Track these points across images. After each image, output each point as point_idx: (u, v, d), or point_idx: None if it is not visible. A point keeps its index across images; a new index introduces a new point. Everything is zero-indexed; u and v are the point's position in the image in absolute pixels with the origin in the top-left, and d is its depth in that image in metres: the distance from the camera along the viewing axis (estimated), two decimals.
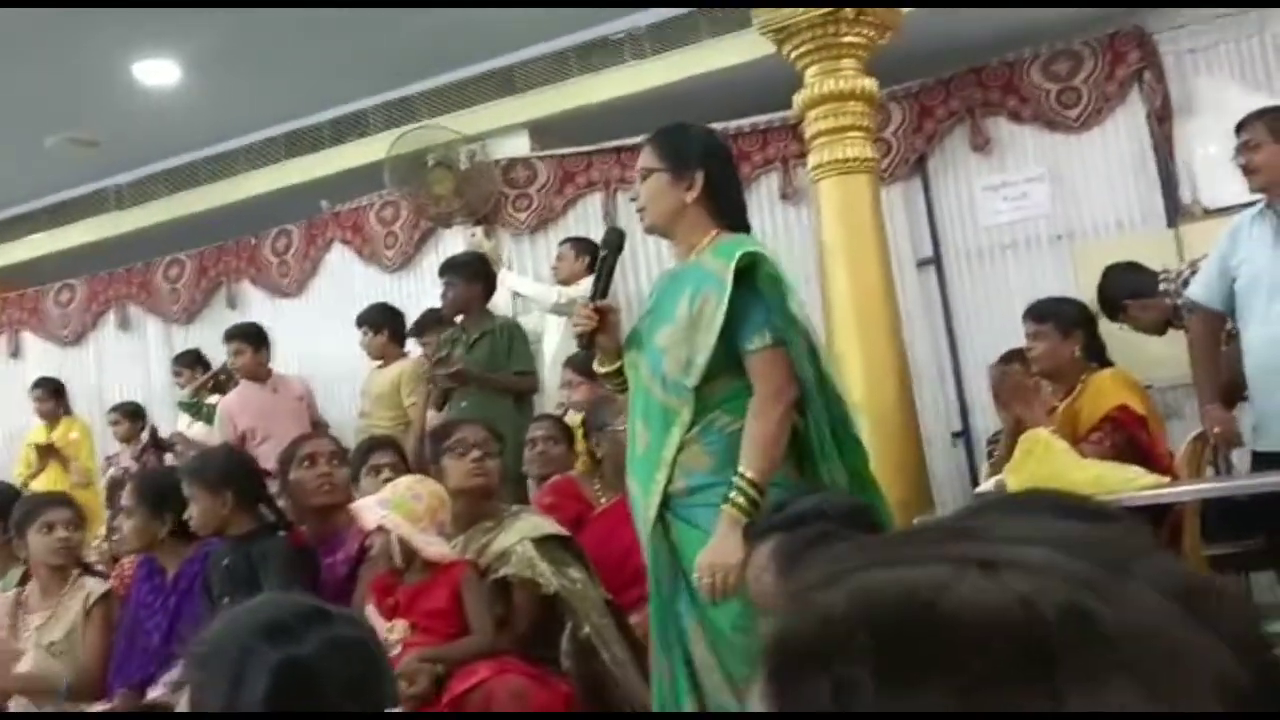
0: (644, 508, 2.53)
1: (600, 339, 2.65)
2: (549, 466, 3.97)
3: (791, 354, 2.43)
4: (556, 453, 4.00)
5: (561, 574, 3.00)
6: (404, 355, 5.88)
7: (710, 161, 2.58)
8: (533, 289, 5.74)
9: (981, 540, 0.50)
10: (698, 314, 2.46)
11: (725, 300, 2.42)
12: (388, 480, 3.51)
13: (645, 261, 5.85)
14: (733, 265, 2.43)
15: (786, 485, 2.42)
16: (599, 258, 2.73)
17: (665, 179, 2.58)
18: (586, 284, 3.27)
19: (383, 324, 5.87)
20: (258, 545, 3.13)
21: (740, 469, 2.36)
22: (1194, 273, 3.84)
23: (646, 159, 2.62)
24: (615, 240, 2.71)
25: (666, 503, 2.49)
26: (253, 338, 5.79)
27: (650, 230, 2.69)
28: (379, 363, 5.86)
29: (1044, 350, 3.84)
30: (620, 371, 2.66)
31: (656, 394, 2.53)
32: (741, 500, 2.34)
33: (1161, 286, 4.11)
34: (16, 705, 3.48)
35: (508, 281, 5.69)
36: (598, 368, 2.73)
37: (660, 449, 2.49)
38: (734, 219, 2.62)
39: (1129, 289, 4.20)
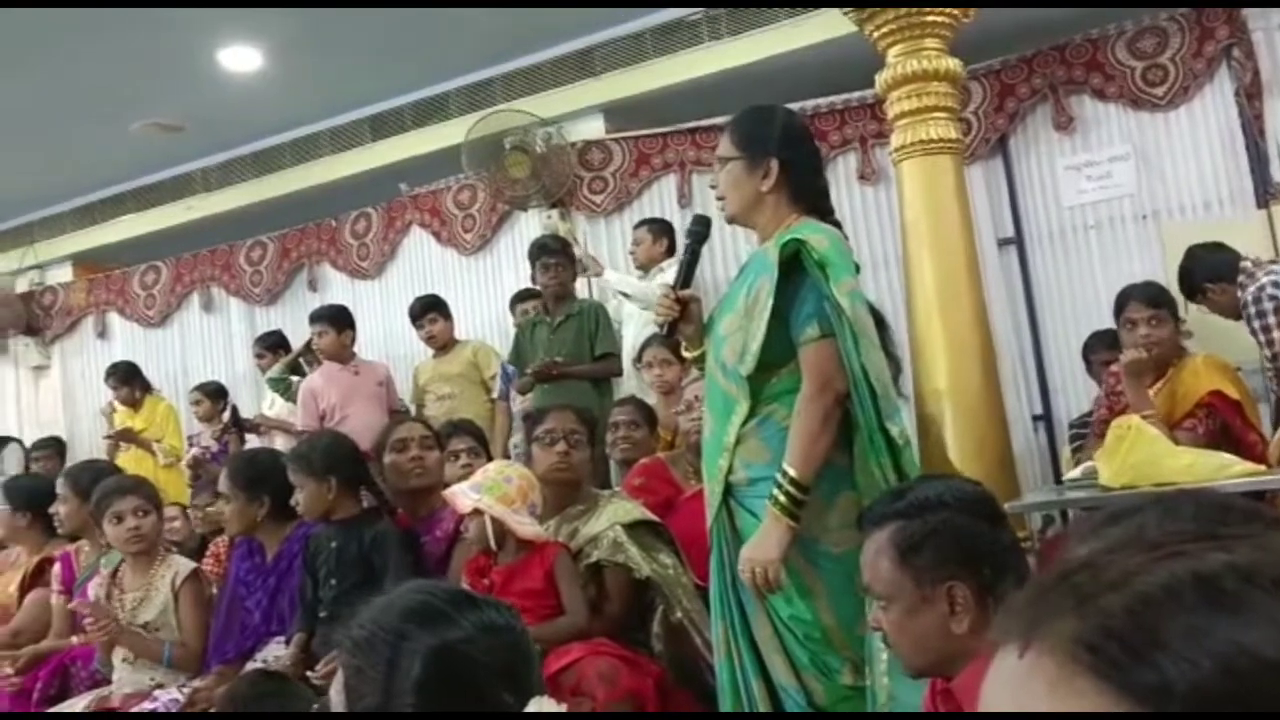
0: (710, 492, 2.56)
1: (682, 327, 2.66)
2: (632, 451, 4.00)
3: (841, 346, 2.40)
4: (639, 436, 4.02)
5: (652, 559, 3.03)
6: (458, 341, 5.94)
7: (787, 147, 2.56)
8: (635, 287, 5.58)
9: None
10: (753, 302, 2.46)
11: (773, 288, 2.41)
12: (465, 466, 3.59)
13: (723, 249, 5.84)
14: (776, 253, 2.42)
15: (835, 474, 2.41)
16: (685, 246, 2.73)
17: (741, 167, 2.56)
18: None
19: (448, 311, 5.93)
20: (368, 529, 3.21)
21: (784, 465, 2.36)
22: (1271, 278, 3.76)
23: (723, 147, 2.62)
24: (700, 229, 2.70)
25: (730, 490, 2.51)
26: (336, 320, 5.88)
27: (731, 220, 2.68)
28: (438, 351, 5.89)
29: (1164, 335, 3.75)
30: (704, 357, 2.68)
31: (719, 381, 2.55)
32: (782, 497, 2.34)
33: (1240, 279, 4.01)
34: (118, 657, 3.58)
35: (611, 282, 5.59)
36: (685, 352, 2.75)
37: (722, 435, 2.51)
38: (815, 203, 2.60)
39: (1211, 271, 4.11)
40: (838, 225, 2.62)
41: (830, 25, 5.24)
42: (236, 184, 7.54)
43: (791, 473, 2.35)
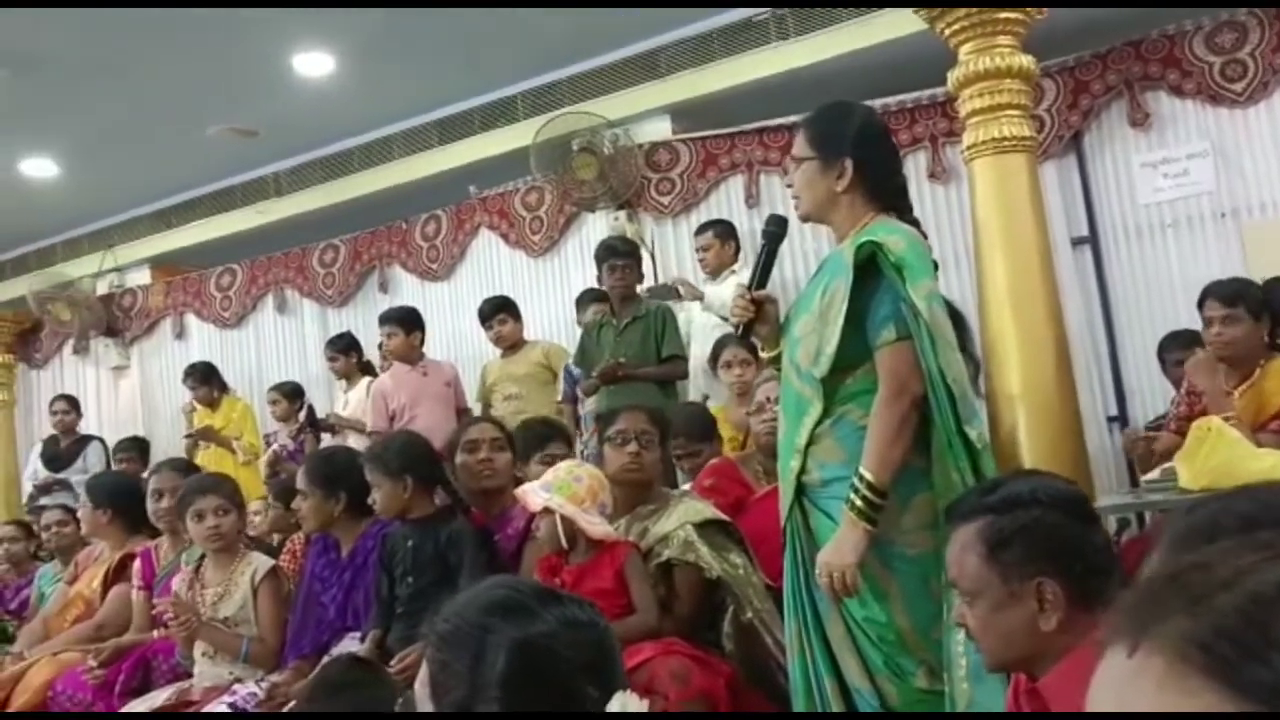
0: (783, 493, 2.55)
1: (757, 328, 2.65)
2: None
3: (918, 348, 2.37)
4: (700, 461, 3.98)
5: (723, 559, 3.03)
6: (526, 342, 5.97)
7: (863, 146, 2.53)
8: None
9: None
10: (828, 304, 2.44)
11: (848, 291, 2.39)
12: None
13: (801, 247, 5.80)
14: (852, 255, 2.40)
15: (911, 475, 2.39)
16: (761, 246, 2.72)
17: (815, 167, 2.55)
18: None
19: (518, 312, 5.96)
20: (444, 528, 3.25)
21: (860, 469, 2.34)
22: None
23: (798, 146, 2.60)
24: (776, 230, 2.70)
25: (804, 490, 2.50)
26: (404, 321, 5.96)
27: (805, 219, 2.67)
28: (506, 351, 5.93)
29: (1238, 334, 3.66)
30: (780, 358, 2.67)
31: (794, 382, 2.54)
32: (859, 502, 2.33)
33: None
34: (199, 651, 3.66)
35: (715, 306, 5.31)
36: (762, 353, 2.75)
37: (794, 436, 2.50)
38: (892, 201, 2.57)
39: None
40: (916, 224, 2.59)
41: (899, 23, 5.20)
42: (309, 187, 7.67)
43: (869, 476, 2.33)
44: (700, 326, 5.54)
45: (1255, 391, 3.63)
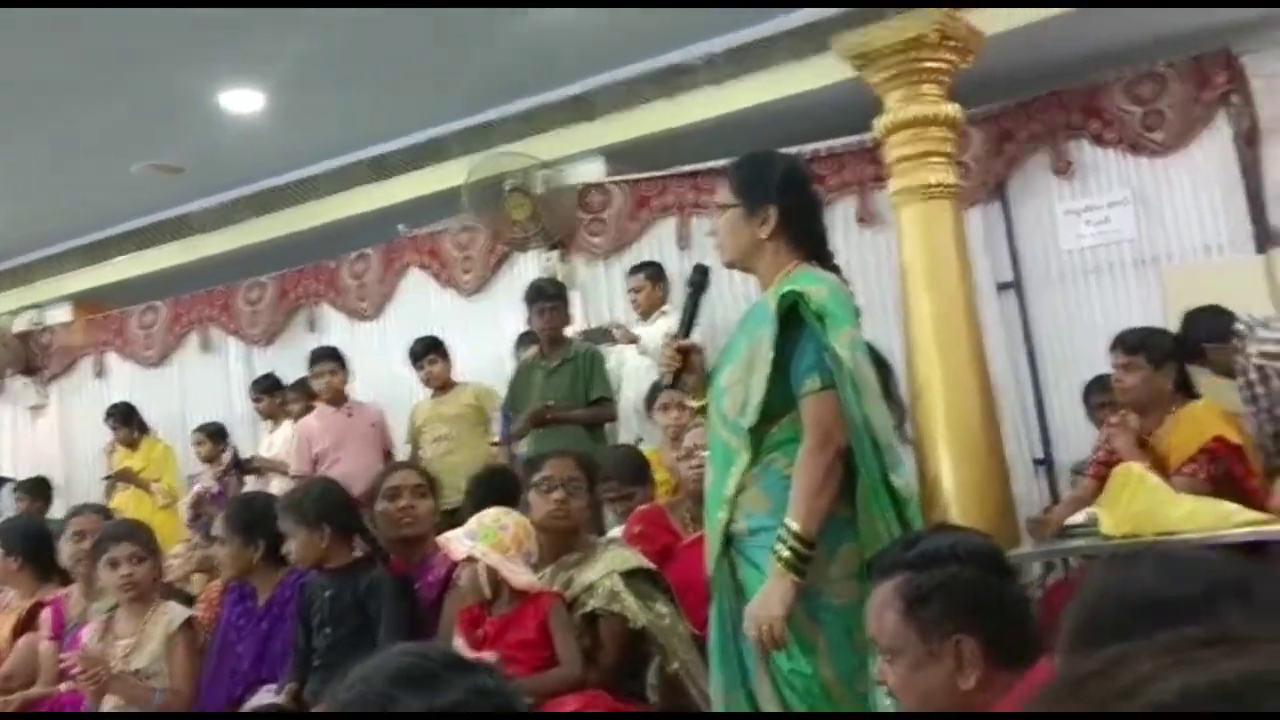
0: (710, 544, 2.53)
1: (685, 377, 2.64)
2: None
3: (842, 397, 2.37)
4: (633, 505, 3.94)
5: (649, 608, 2.99)
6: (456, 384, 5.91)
7: (787, 193, 2.54)
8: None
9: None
10: (753, 354, 2.44)
11: (773, 341, 2.39)
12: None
13: (731, 292, 5.81)
14: (775, 304, 2.40)
15: (838, 525, 2.37)
16: (686, 296, 2.72)
17: (739, 214, 2.55)
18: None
19: (447, 353, 5.90)
20: (362, 577, 3.17)
21: (786, 519, 2.33)
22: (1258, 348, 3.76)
23: (722, 194, 2.61)
24: (700, 279, 2.70)
25: (731, 540, 2.48)
26: (341, 359, 5.89)
27: (729, 265, 2.67)
28: (436, 392, 5.85)
29: (1135, 382, 3.78)
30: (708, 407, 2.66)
31: (720, 432, 2.53)
32: (786, 553, 2.31)
33: (1234, 342, 3.99)
34: (109, 704, 3.53)
35: (650, 350, 5.17)
36: (689, 403, 2.73)
37: (722, 487, 2.48)
38: (814, 249, 2.58)
39: (1206, 333, 4.10)
40: (837, 270, 2.60)
41: (830, 70, 5.25)
42: (236, 224, 7.55)
43: (795, 527, 2.31)
44: (633, 369, 5.52)
45: (1162, 443, 3.70)
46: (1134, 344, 3.83)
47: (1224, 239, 5.25)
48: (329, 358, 5.92)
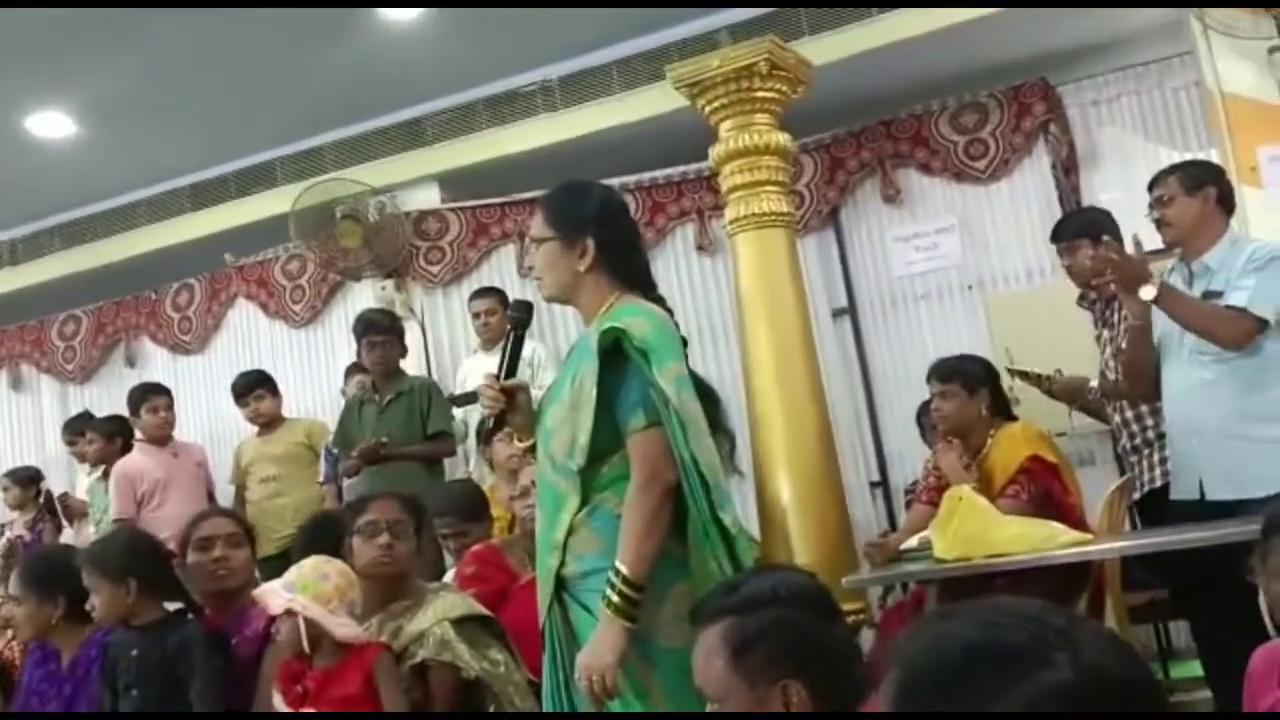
0: (541, 591, 2.45)
1: (510, 418, 2.54)
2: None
3: (670, 434, 2.30)
4: (469, 541, 3.82)
5: (482, 655, 2.88)
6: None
7: (604, 225, 2.47)
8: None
9: None
10: (578, 393, 2.36)
11: (596, 378, 2.32)
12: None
13: (564, 322, 5.74)
14: (596, 342, 2.33)
15: (669, 565, 2.30)
16: (505, 333, 2.61)
17: (556, 248, 2.46)
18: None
19: (275, 387, 5.67)
20: (172, 634, 2.96)
21: (615, 563, 2.25)
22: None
23: (537, 227, 2.52)
24: (521, 317, 2.59)
25: (563, 584, 2.40)
26: (170, 396, 5.61)
27: (550, 299, 2.58)
28: (262, 430, 5.64)
29: (952, 409, 3.90)
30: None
31: (549, 475, 2.44)
32: (615, 598, 2.23)
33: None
34: None
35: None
36: (518, 444, 2.62)
37: (552, 532, 2.40)
38: (636, 280, 2.51)
39: (1079, 227, 4.18)
40: (661, 301, 2.54)
41: (664, 99, 5.25)
42: (46, 255, 7.12)
43: (625, 570, 2.23)
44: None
45: (984, 466, 3.81)
46: (946, 373, 3.95)
47: (1045, 264, 5.41)
48: (160, 393, 5.62)
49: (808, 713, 1.66)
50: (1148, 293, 3.23)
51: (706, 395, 2.54)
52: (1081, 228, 4.17)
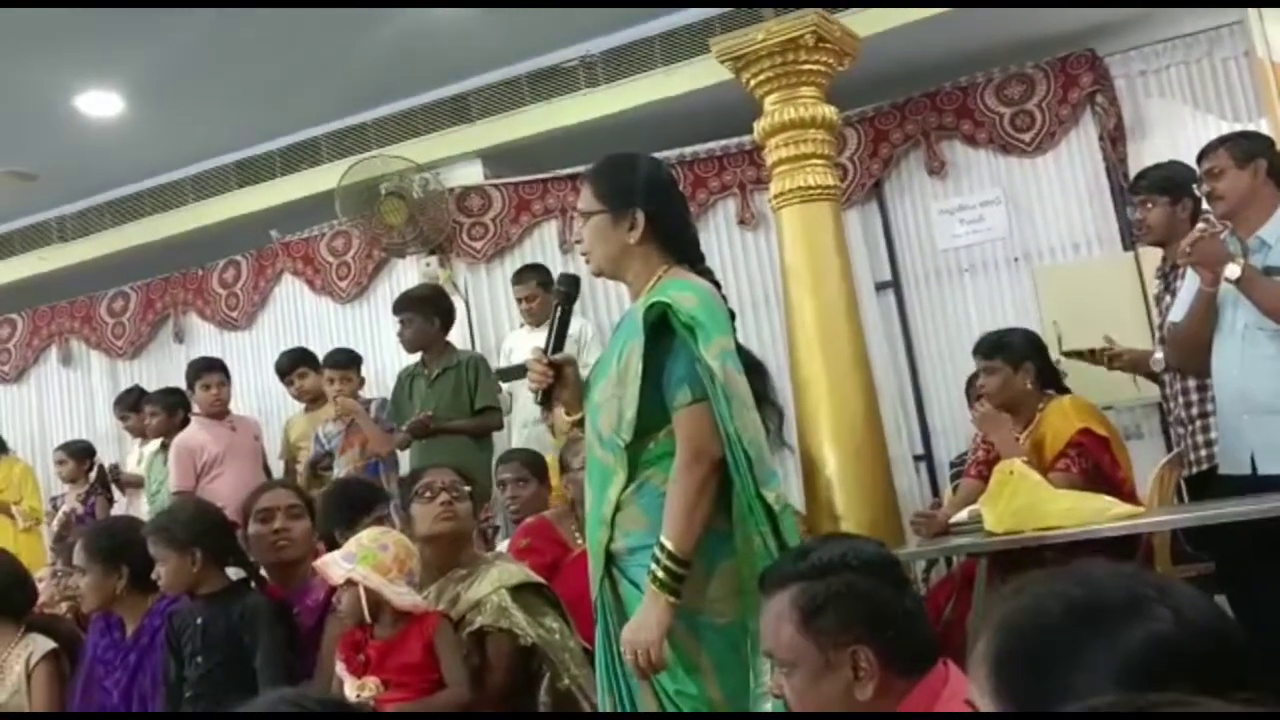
0: (592, 565, 2.46)
1: (558, 393, 2.54)
2: (523, 510, 3.89)
3: (715, 410, 2.31)
4: (526, 494, 3.92)
5: (538, 623, 2.92)
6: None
7: (653, 197, 2.46)
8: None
9: None
10: (624, 368, 2.36)
11: (643, 353, 2.32)
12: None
13: (607, 297, 5.77)
14: (642, 317, 2.33)
15: (716, 541, 2.31)
16: (554, 307, 2.60)
17: (605, 221, 2.45)
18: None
19: (318, 364, 5.70)
20: (236, 604, 3.02)
21: (660, 538, 2.26)
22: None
23: (584, 200, 2.51)
24: (569, 289, 2.58)
25: (611, 559, 2.41)
26: (226, 371, 5.66)
27: (598, 273, 2.56)
28: (309, 405, 5.68)
29: (997, 384, 3.87)
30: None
31: (597, 451, 2.44)
32: (660, 573, 2.24)
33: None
34: None
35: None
36: (566, 417, 2.62)
37: (600, 506, 2.41)
38: (685, 253, 2.51)
39: (1180, 187, 3.98)
40: (709, 274, 2.54)
41: (707, 73, 5.24)
42: (95, 233, 7.22)
43: (669, 546, 2.24)
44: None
45: (1038, 434, 3.79)
46: (989, 349, 3.93)
47: (1092, 236, 5.40)
48: (216, 369, 5.67)
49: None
50: (1233, 271, 3.19)
51: (754, 369, 2.55)
52: (1159, 183, 4.03)
